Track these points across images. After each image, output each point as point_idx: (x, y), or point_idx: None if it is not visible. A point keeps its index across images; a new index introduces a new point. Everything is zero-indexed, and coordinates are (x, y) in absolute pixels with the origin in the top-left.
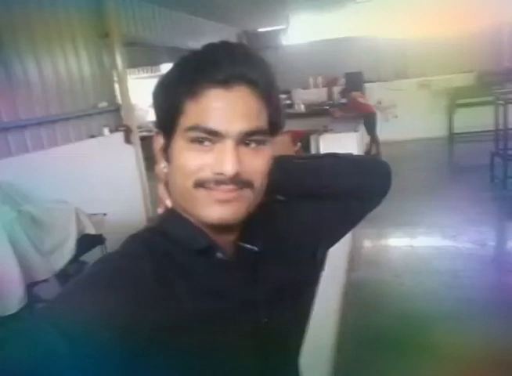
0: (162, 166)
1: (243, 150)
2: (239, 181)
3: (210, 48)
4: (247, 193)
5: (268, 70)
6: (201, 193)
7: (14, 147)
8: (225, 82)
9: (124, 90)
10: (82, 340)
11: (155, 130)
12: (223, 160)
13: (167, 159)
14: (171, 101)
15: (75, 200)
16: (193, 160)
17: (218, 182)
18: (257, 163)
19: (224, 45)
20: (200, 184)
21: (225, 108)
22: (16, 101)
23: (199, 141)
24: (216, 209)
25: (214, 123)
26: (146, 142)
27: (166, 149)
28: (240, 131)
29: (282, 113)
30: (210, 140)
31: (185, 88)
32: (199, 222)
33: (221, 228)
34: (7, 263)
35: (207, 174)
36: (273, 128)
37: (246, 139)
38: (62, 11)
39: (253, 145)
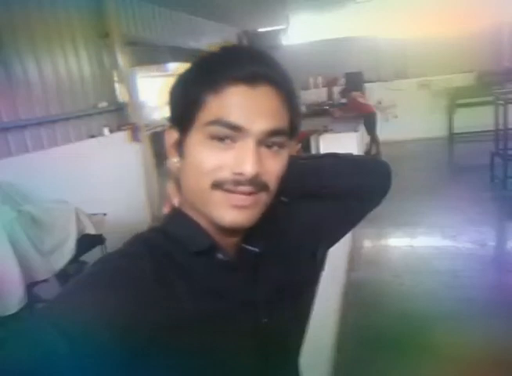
0: (175, 161)
1: (265, 151)
2: (257, 183)
3: (229, 49)
4: (263, 196)
5: (286, 72)
6: (218, 195)
7: (14, 147)
8: (250, 80)
9: (129, 87)
10: (82, 340)
11: (167, 124)
12: (244, 159)
13: (181, 154)
14: (190, 95)
15: (75, 200)
16: (211, 158)
17: (236, 183)
18: (275, 166)
19: (242, 47)
20: (217, 185)
21: (249, 104)
22: (16, 101)
23: (219, 138)
24: (231, 213)
25: (237, 118)
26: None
27: (180, 144)
28: (264, 130)
29: (300, 116)
30: (230, 138)
31: (207, 84)
32: (205, 222)
33: (230, 230)
34: (7, 263)
35: (225, 174)
36: (292, 130)
37: (267, 140)
38: (62, 11)
39: (275, 148)
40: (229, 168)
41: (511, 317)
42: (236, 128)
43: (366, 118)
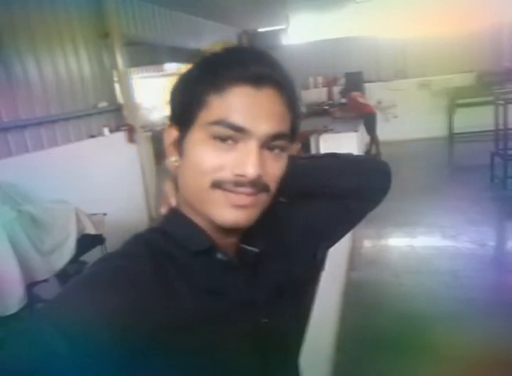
0: (173, 160)
1: (266, 154)
2: (258, 184)
3: (232, 49)
4: (263, 197)
5: (289, 74)
6: (217, 194)
7: (14, 147)
8: (254, 81)
9: (126, 89)
10: (82, 340)
11: (167, 123)
12: (246, 161)
13: (180, 153)
14: (192, 94)
15: (75, 200)
16: (212, 158)
17: (237, 184)
18: (276, 169)
19: (244, 47)
20: (217, 185)
21: (253, 106)
22: (16, 101)
23: (221, 139)
24: (231, 212)
25: (241, 119)
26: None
27: (180, 142)
28: (268, 133)
29: (300, 119)
30: (233, 138)
31: (210, 83)
32: (203, 222)
33: (229, 230)
34: (7, 263)
35: (226, 174)
36: (293, 133)
37: (269, 143)
38: (62, 11)
39: (276, 151)
40: (230, 169)
41: (511, 317)
42: (240, 130)
43: (366, 118)
